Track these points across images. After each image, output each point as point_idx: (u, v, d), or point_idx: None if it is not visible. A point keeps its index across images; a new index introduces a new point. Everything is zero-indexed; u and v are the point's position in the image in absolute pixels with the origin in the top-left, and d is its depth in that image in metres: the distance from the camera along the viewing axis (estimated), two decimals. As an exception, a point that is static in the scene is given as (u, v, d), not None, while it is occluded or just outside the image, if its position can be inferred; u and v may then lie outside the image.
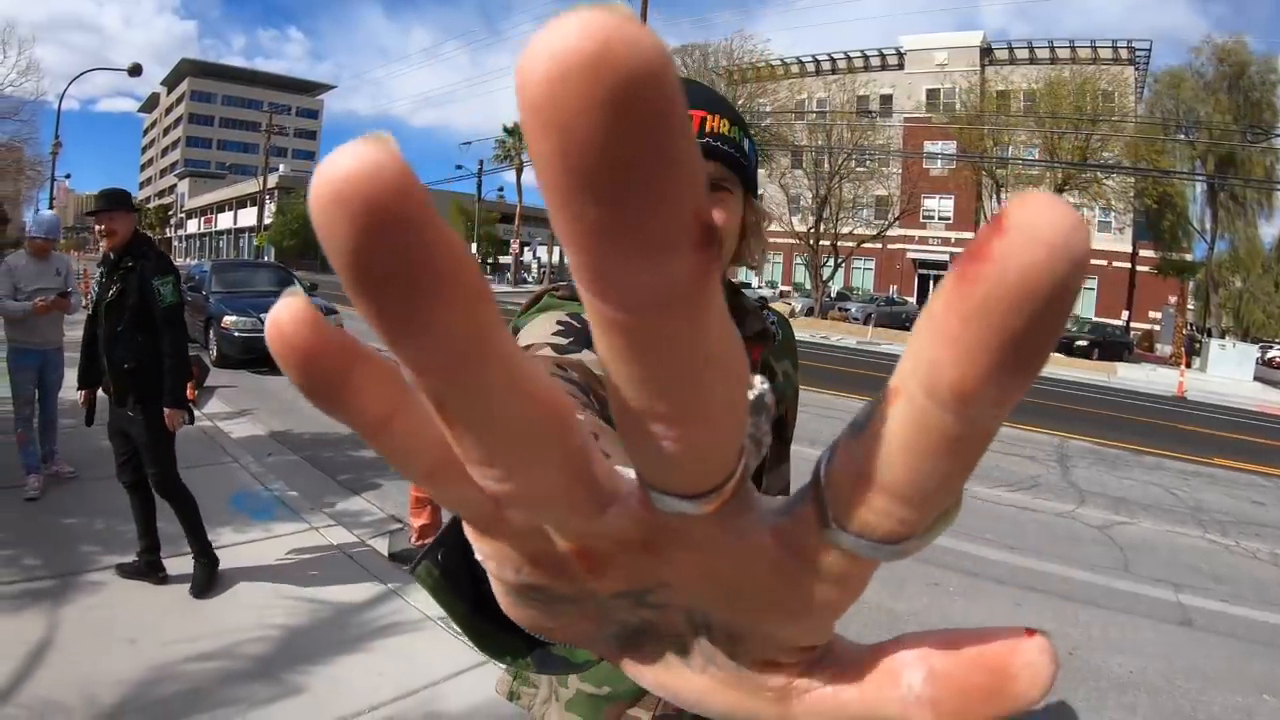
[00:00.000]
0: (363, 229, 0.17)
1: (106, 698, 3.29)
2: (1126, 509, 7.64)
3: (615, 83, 0.15)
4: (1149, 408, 16.79)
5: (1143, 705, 4.00)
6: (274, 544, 5.17)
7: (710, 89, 1.30)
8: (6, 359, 6.05)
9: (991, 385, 0.19)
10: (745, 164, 1.25)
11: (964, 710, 0.24)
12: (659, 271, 0.17)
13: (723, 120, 1.21)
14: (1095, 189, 32.28)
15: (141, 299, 4.27)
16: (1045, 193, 0.18)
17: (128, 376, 4.29)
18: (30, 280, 5.83)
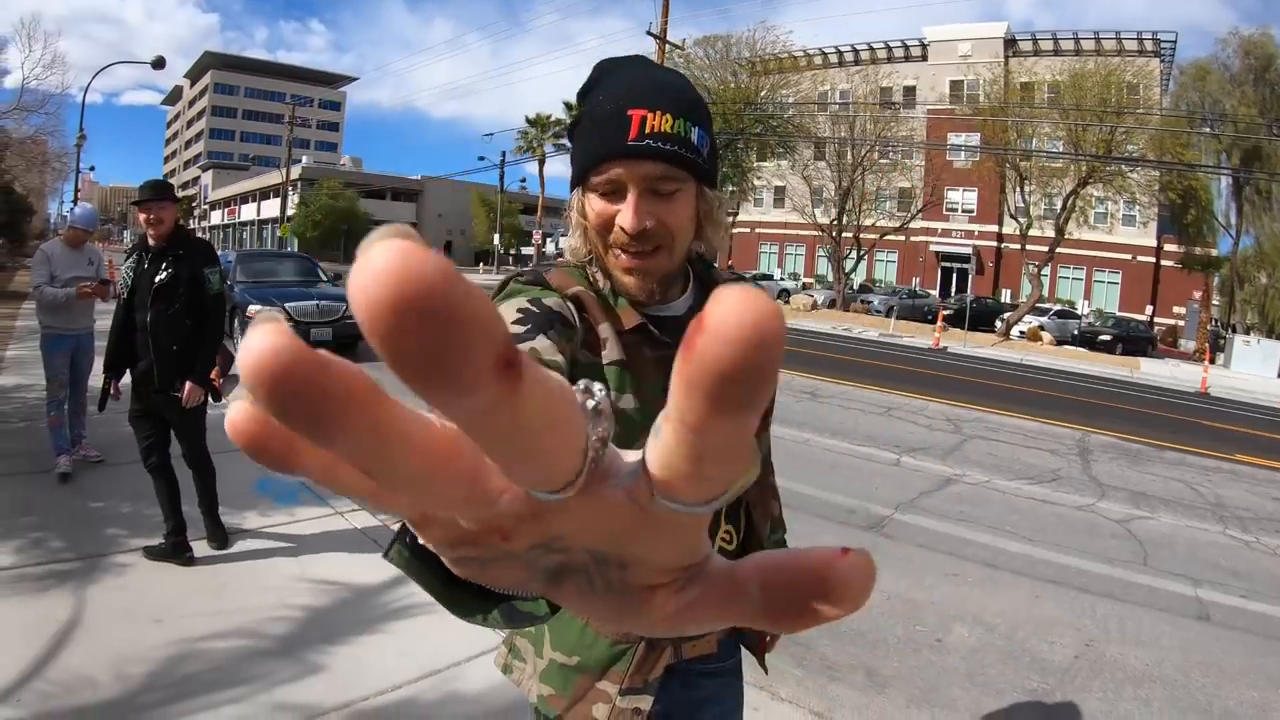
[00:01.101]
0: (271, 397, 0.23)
1: (134, 674, 3.36)
2: (1147, 503, 7.62)
3: (409, 304, 0.21)
4: (1172, 403, 16.68)
5: (1158, 698, 4.00)
6: (298, 527, 5.26)
7: (657, 73, 1.29)
8: (41, 345, 6.19)
9: (713, 423, 0.25)
10: (692, 157, 1.23)
11: (791, 613, 0.32)
12: (469, 403, 0.23)
13: (664, 116, 1.20)
14: (1120, 182, 31.92)
15: (191, 287, 4.51)
16: (741, 289, 0.24)
17: (175, 359, 4.49)
18: (66, 268, 6.01)
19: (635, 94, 1.20)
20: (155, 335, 4.48)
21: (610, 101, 1.22)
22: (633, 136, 1.18)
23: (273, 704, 3.22)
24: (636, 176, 1.21)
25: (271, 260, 16.05)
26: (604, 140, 1.21)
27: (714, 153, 1.30)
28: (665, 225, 1.24)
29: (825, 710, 3.74)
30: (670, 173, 1.21)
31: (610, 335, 1.29)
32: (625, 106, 1.20)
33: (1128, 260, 41.56)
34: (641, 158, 1.19)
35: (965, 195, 44.48)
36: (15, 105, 31.80)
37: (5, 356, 10.84)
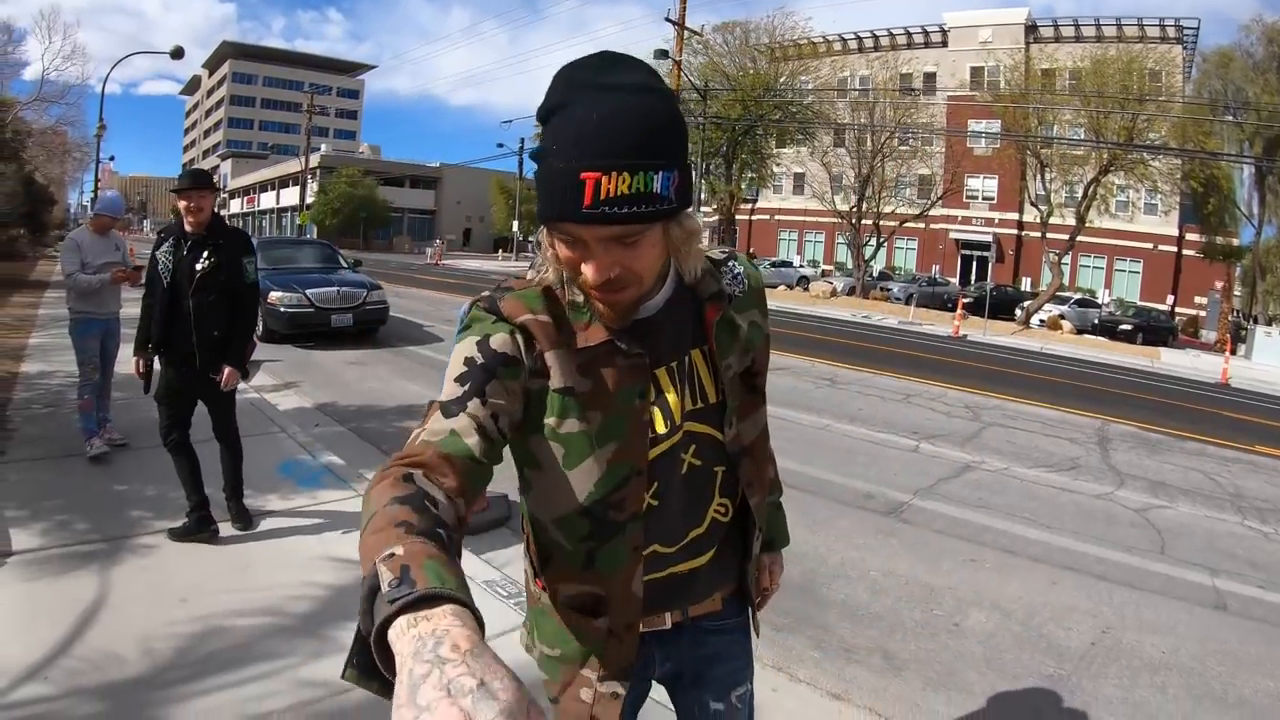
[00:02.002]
0: None
1: (160, 651, 3.42)
2: (1165, 493, 7.59)
3: None
4: (1192, 394, 16.56)
5: (1174, 685, 4.00)
6: (321, 509, 5.32)
7: (611, 108, 1.13)
8: (72, 330, 6.28)
9: None
10: (652, 209, 1.15)
11: None
12: None
13: (620, 177, 1.11)
14: (1141, 170, 31.63)
15: (230, 275, 4.67)
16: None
17: (216, 345, 4.67)
18: (96, 255, 6.14)
19: (587, 150, 1.12)
20: (199, 321, 4.63)
21: (562, 158, 1.14)
22: (587, 203, 1.12)
23: (297, 680, 3.27)
24: (595, 236, 1.18)
25: (292, 247, 16.14)
26: (559, 203, 1.15)
27: (686, 179, 1.21)
28: (631, 270, 1.22)
29: (843, 692, 3.77)
30: (632, 229, 1.17)
31: (557, 362, 1.30)
32: (578, 168, 1.12)
33: (1149, 249, 41.26)
34: (596, 224, 1.15)
35: (985, 183, 44.24)
36: (36, 96, 32.05)
37: (29, 344, 10.95)
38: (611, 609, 1.43)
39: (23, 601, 3.78)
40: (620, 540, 1.38)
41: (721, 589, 1.60)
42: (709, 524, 1.50)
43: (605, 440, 1.33)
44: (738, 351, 1.46)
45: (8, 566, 4.12)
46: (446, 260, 48.10)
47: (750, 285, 1.52)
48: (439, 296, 23.91)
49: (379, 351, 12.93)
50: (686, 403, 1.41)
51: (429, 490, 1.01)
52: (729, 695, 1.66)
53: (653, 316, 1.37)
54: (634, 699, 1.68)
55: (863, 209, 37.85)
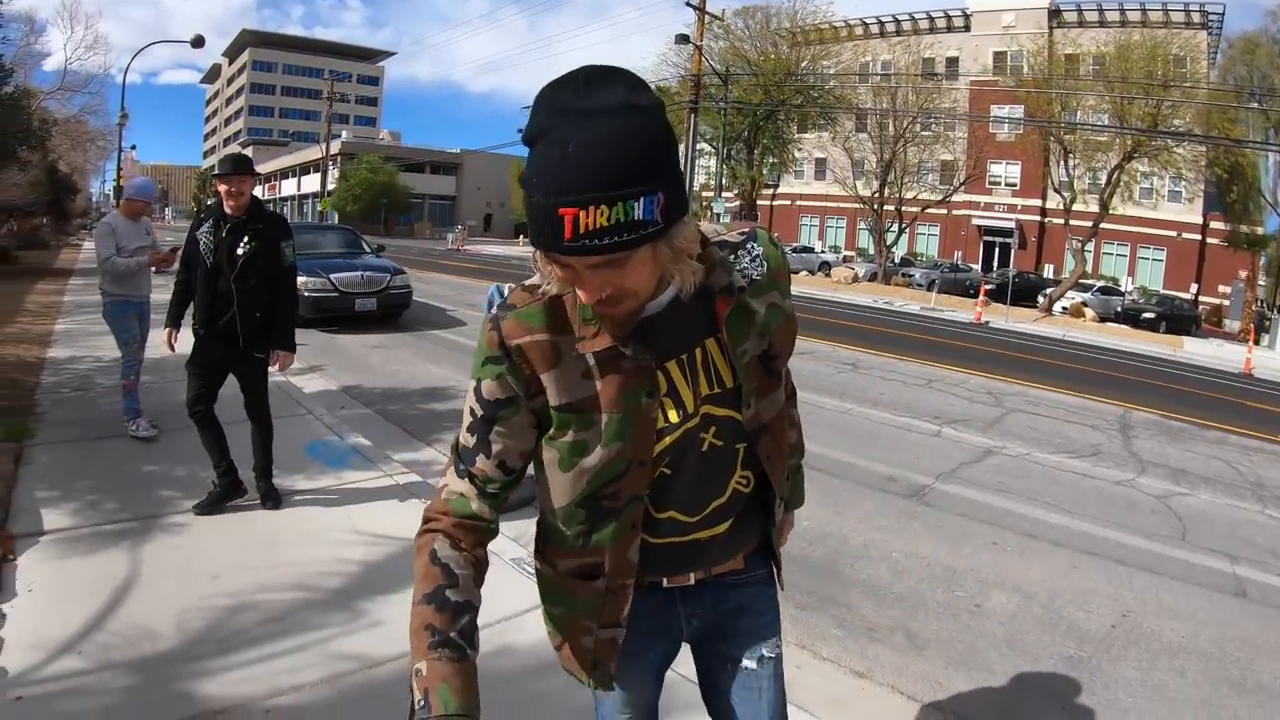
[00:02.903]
0: None
1: (192, 626, 3.49)
2: (1187, 480, 7.57)
3: None
4: (1215, 383, 16.45)
5: (1193, 669, 4.02)
6: (350, 488, 5.40)
7: (587, 138, 1.12)
8: (109, 313, 6.38)
9: None
10: (634, 237, 1.15)
11: None
12: None
13: (597, 211, 1.11)
14: (1165, 157, 31.30)
15: (270, 258, 4.83)
16: None
17: (257, 326, 4.84)
18: (130, 239, 6.26)
19: (562, 186, 1.12)
20: (242, 303, 4.78)
21: (541, 192, 1.15)
22: (568, 237, 1.14)
23: (328, 653, 3.33)
24: (581, 265, 1.20)
25: (316, 233, 16.21)
26: (543, 236, 1.17)
27: (673, 195, 1.19)
28: (622, 288, 1.24)
29: (866, 670, 3.81)
30: (614, 256, 1.17)
31: (553, 382, 1.37)
32: (555, 205, 1.13)
33: (1173, 237, 40.85)
34: (578, 255, 1.16)
35: (1008, 169, 43.87)
36: (59, 86, 32.30)
37: (55, 330, 11.10)
38: (609, 572, 1.51)
39: (56, 578, 3.85)
40: (616, 519, 1.46)
41: (744, 548, 1.66)
42: (731, 494, 1.55)
43: (610, 440, 1.39)
44: (754, 336, 1.46)
45: (40, 545, 4.18)
46: (468, 246, 48.21)
47: (770, 267, 1.50)
48: (462, 281, 24.07)
49: (402, 335, 13.02)
50: (703, 388, 1.44)
51: (450, 563, 1.37)
52: (758, 651, 1.69)
53: (659, 314, 1.39)
54: (661, 656, 1.76)
55: (885, 194, 37.65)
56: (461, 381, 9.38)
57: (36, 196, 24.16)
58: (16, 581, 3.76)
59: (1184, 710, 3.64)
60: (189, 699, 2.96)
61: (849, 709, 3.40)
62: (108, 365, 8.45)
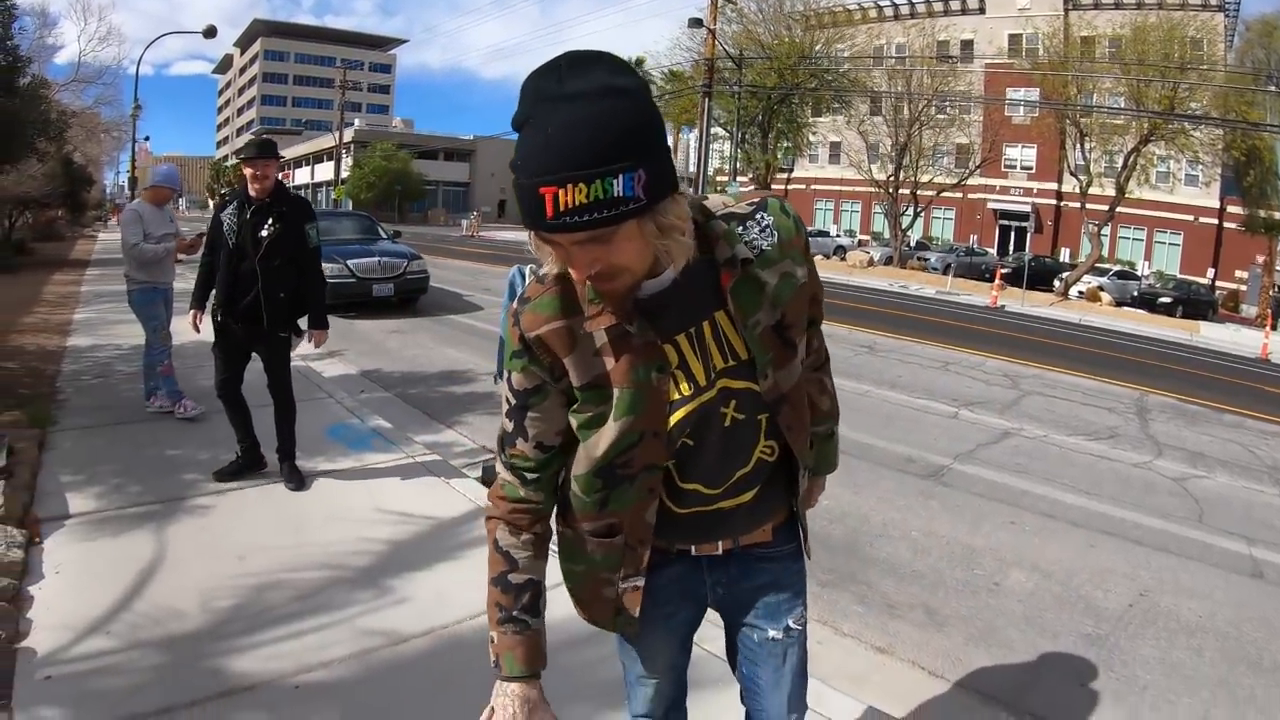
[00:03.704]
0: None
1: (220, 605, 3.53)
2: (1204, 463, 7.56)
3: None
4: (1231, 368, 16.36)
5: (1210, 648, 4.04)
6: (372, 469, 5.46)
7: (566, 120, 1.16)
8: (136, 301, 6.42)
9: None
10: (615, 213, 1.18)
11: None
12: None
13: (576, 189, 1.15)
14: (1182, 140, 31.00)
15: (294, 240, 4.90)
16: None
17: (282, 306, 4.93)
18: (156, 226, 6.33)
19: (543, 167, 1.17)
20: (266, 284, 4.87)
21: (524, 174, 1.20)
22: (549, 216, 1.18)
23: (356, 630, 3.38)
24: (566, 242, 1.24)
25: (332, 219, 16.18)
26: (529, 215, 1.22)
27: (657, 173, 1.22)
28: (611, 265, 1.27)
29: (887, 646, 3.85)
30: (596, 232, 1.20)
31: (573, 366, 1.43)
32: (536, 185, 1.17)
33: (1189, 221, 40.50)
34: (561, 233, 1.21)
35: (1024, 152, 43.56)
36: (73, 78, 32.42)
37: (74, 319, 11.18)
38: (625, 531, 1.57)
39: (82, 561, 3.89)
40: (631, 486, 1.51)
41: (772, 519, 1.68)
42: (755, 463, 1.57)
43: (622, 414, 1.43)
44: (766, 308, 1.47)
45: (65, 528, 4.23)
46: (482, 232, 48.24)
47: (781, 237, 1.50)
48: (477, 267, 24.18)
49: (420, 320, 13.09)
50: (716, 361, 1.46)
51: (509, 550, 1.56)
52: (783, 623, 1.73)
53: (664, 291, 1.41)
54: (688, 620, 1.80)
55: (900, 178, 37.43)
56: (480, 365, 9.48)
57: (52, 188, 24.21)
58: (43, 564, 3.80)
59: (1201, 688, 3.66)
60: (218, 676, 3.00)
61: (870, 684, 3.43)
62: (127, 353, 8.54)
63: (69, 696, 2.82)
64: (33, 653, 3.07)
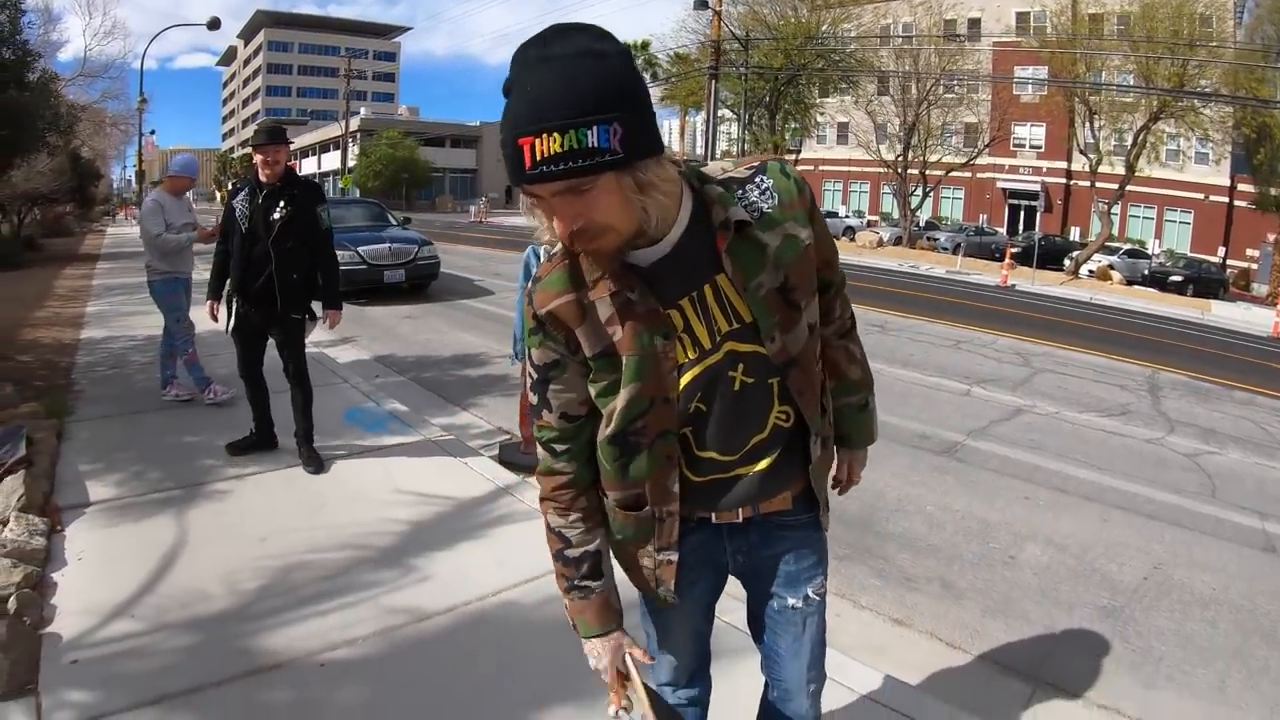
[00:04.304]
0: None
1: (244, 586, 3.58)
2: (1216, 440, 7.56)
3: None
4: (1243, 346, 16.29)
5: (1224, 620, 4.06)
6: (390, 451, 5.50)
7: (548, 78, 1.22)
8: (158, 291, 6.45)
9: None
10: (589, 163, 1.23)
11: None
12: None
13: (550, 138, 1.21)
14: (1192, 118, 30.76)
15: (306, 223, 4.96)
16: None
17: (296, 287, 5.01)
18: (177, 215, 6.39)
19: (521, 120, 1.23)
20: (280, 266, 4.94)
21: (506, 129, 1.26)
22: (527, 167, 1.23)
23: (380, 608, 3.42)
24: (546, 194, 1.28)
25: (342, 207, 16.18)
26: (511, 171, 1.27)
27: (634, 131, 1.26)
28: (591, 220, 1.30)
29: (905, 618, 3.89)
30: (574, 182, 1.25)
31: (584, 337, 1.48)
32: (515, 137, 1.23)
33: (1200, 199, 40.19)
34: (539, 183, 1.25)
35: (1033, 131, 43.29)
36: (80, 72, 32.42)
37: (87, 312, 11.26)
38: (651, 501, 1.60)
39: (104, 546, 3.93)
40: (647, 453, 1.54)
41: (791, 487, 1.69)
42: (771, 430, 1.59)
43: (630, 380, 1.48)
44: (768, 270, 1.48)
45: (86, 516, 4.27)
46: (491, 218, 48.22)
47: (781, 199, 1.51)
48: (487, 252, 24.22)
49: (431, 305, 13.12)
50: (720, 325, 1.49)
51: (560, 529, 1.66)
52: (803, 591, 1.76)
53: (664, 258, 1.45)
54: (710, 587, 1.83)
55: (908, 158, 37.23)
56: (493, 348, 9.52)
57: (61, 184, 24.24)
58: (66, 551, 3.84)
59: (1216, 659, 3.69)
60: (245, 655, 3.04)
61: (889, 655, 3.47)
62: (141, 343, 8.62)
63: (96, 679, 2.85)
64: (58, 638, 3.11)
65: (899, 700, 2.90)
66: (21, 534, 3.73)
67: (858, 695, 2.90)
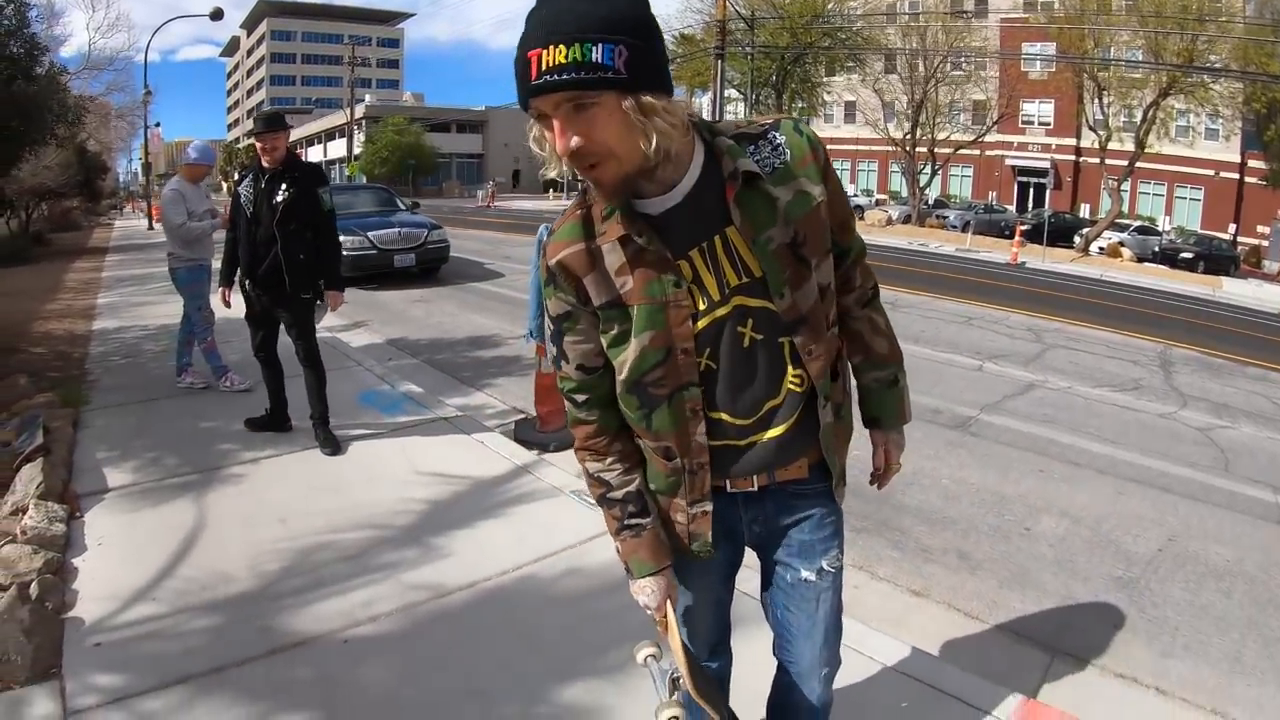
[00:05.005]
0: None
1: (266, 568, 3.61)
2: (1228, 414, 7.54)
3: None
4: (1255, 322, 16.20)
5: (1239, 591, 4.07)
6: (407, 432, 5.54)
7: (550, 3, 1.30)
8: (182, 278, 6.45)
9: None
10: (592, 76, 1.27)
11: None
12: None
13: (556, 50, 1.25)
14: (1201, 94, 30.50)
15: (308, 204, 5.03)
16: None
17: (302, 268, 5.06)
18: (197, 203, 6.41)
19: (532, 36, 1.28)
20: (286, 248, 5.00)
21: (519, 47, 1.31)
22: (533, 78, 1.28)
23: (402, 584, 3.46)
24: (549, 106, 1.31)
25: (350, 193, 16.15)
26: (520, 87, 1.32)
27: (640, 58, 1.30)
28: (592, 140, 1.32)
29: (923, 589, 3.91)
30: (577, 96, 1.28)
31: (591, 285, 1.52)
32: (525, 50, 1.29)
33: (1210, 176, 39.83)
34: (543, 94, 1.29)
35: (1041, 107, 42.91)
36: (85, 65, 32.45)
37: (98, 304, 11.32)
38: (680, 454, 1.61)
39: (124, 532, 3.97)
40: (667, 407, 1.56)
41: (808, 455, 1.67)
42: (785, 395, 1.59)
43: (641, 330, 1.50)
44: (779, 224, 1.49)
45: (105, 502, 4.31)
46: (499, 202, 48.22)
47: (794, 155, 1.53)
48: (497, 236, 24.24)
49: (442, 289, 13.14)
50: (730, 278, 1.50)
51: (599, 474, 1.70)
52: (817, 564, 1.74)
53: (674, 208, 1.47)
54: (728, 559, 1.83)
55: (916, 136, 37.03)
56: (506, 330, 9.54)
57: (68, 178, 24.28)
58: (85, 537, 3.88)
59: (1232, 629, 3.70)
60: (267, 634, 3.08)
61: (908, 625, 3.50)
62: (154, 332, 8.66)
63: (120, 661, 2.88)
64: (80, 622, 3.14)
65: (919, 669, 2.92)
66: (41, 521, 3.77)
67: (878, 664, 2.93)
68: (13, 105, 9.16)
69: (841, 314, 1.76)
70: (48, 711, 2.62)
